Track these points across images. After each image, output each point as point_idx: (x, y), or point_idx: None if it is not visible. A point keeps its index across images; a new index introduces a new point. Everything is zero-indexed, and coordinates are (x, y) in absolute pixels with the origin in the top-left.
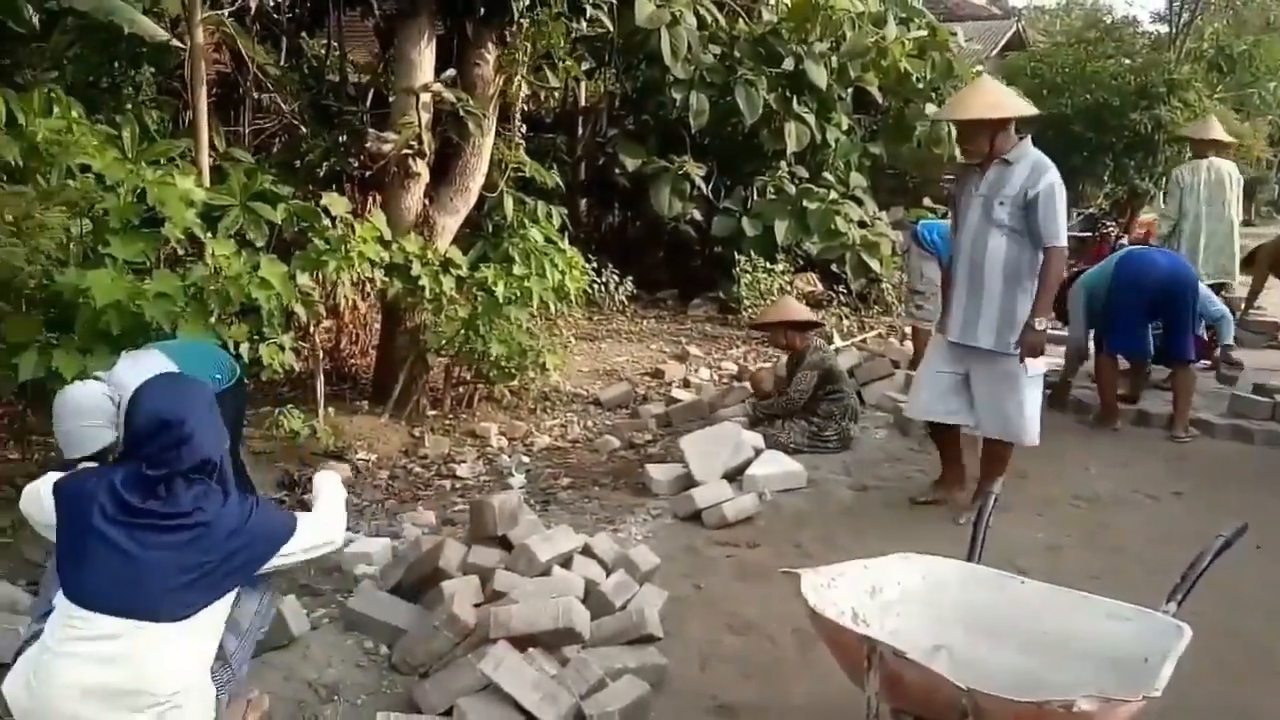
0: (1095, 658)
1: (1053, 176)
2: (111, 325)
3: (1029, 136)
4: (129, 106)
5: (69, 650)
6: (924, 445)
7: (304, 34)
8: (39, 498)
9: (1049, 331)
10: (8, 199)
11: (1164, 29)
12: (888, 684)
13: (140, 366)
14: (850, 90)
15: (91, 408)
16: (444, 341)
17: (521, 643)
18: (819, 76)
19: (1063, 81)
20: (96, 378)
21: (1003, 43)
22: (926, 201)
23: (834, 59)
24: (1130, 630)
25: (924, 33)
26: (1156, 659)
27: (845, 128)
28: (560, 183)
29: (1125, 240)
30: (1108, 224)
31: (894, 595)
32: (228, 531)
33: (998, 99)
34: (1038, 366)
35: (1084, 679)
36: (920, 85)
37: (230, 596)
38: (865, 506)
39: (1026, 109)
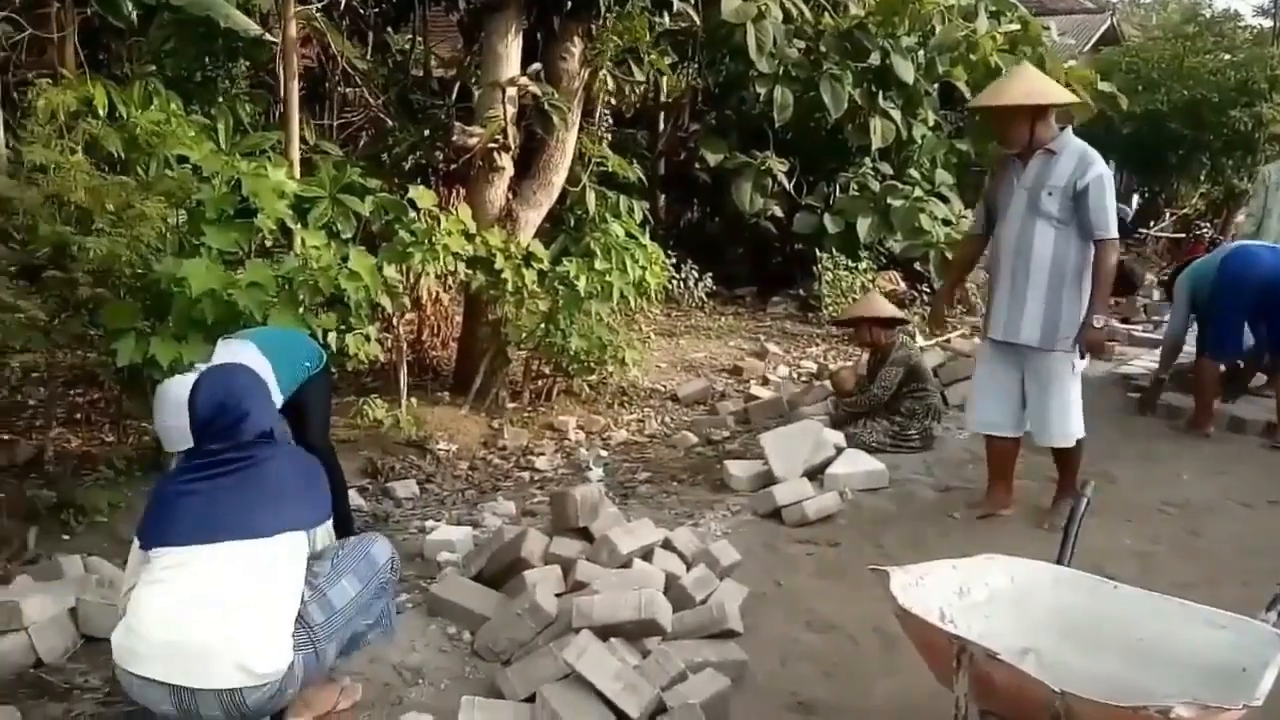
0: (1190, 665)
1: (1101, 167)
2: (206, 313)
3: (1069, 127)
4: (223, 100)
5: (154, 581)
6: None
7: (389, 28)
8: None
9: (1139, 331)
10: (109, 189)
11: (1267, 23)
12: (977, 685)
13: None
14: (937, 85)
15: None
16: (524, 335)
17: (603, 633)
18: (906, 71)
19: (1159, 77)
20: (194, 366)
21: (1096, 37)
22: None
23: (922, 53)
24: (1227, 639)
25: (1016, 27)
26: (1256, 669)
27: (932, 123)
28: (642, 177)
29: (1222, 240)
30: (1202, 225)
31: (982, 596)
32: (283, 470)
33: (1036, 86)
34: (1080, 364)
35: (1178, 686)
36: None
37: (301, 547)
38: (948, 507)
39: (1065, 97)
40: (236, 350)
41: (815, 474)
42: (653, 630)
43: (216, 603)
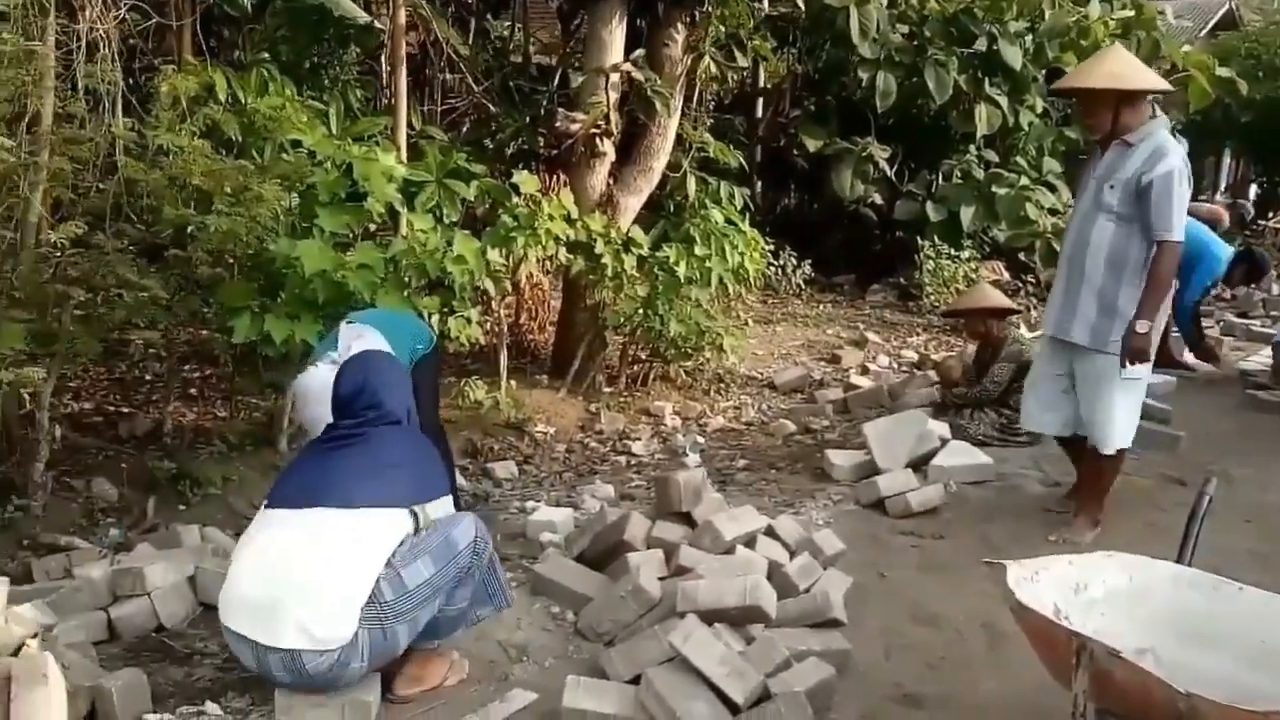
0: None
1: (1173, 162)
2: (317, 293)
3: (1163, 117)
4: (334, 86)
5: (250, 538)
6: None
7: (489, 15)
8: None
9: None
10: (228, 172)
11: None
12: (1096, 683)
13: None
14: (1044, 71)
15: (329, 394)
16: (623, 319)
17: (707, 618)
18: (1013, 57)
19: None
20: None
21: (1214, 21)
22: None
23: (1030, 39)
24: None
25: (1129, 10)
26: None
27: (1040, 110)
28: (743, 163)
29: None
30: None
31: (1099, 593)
32: (394, 447)
33: (1123, 69)
34: (1137, 370)
35: None
36: None
37: (395, 523)
38: (1056, 503)
39: (1153, 83)
40: (360, 332)
41: (919, 465)
42: (757, 617)
43: (296, 565)
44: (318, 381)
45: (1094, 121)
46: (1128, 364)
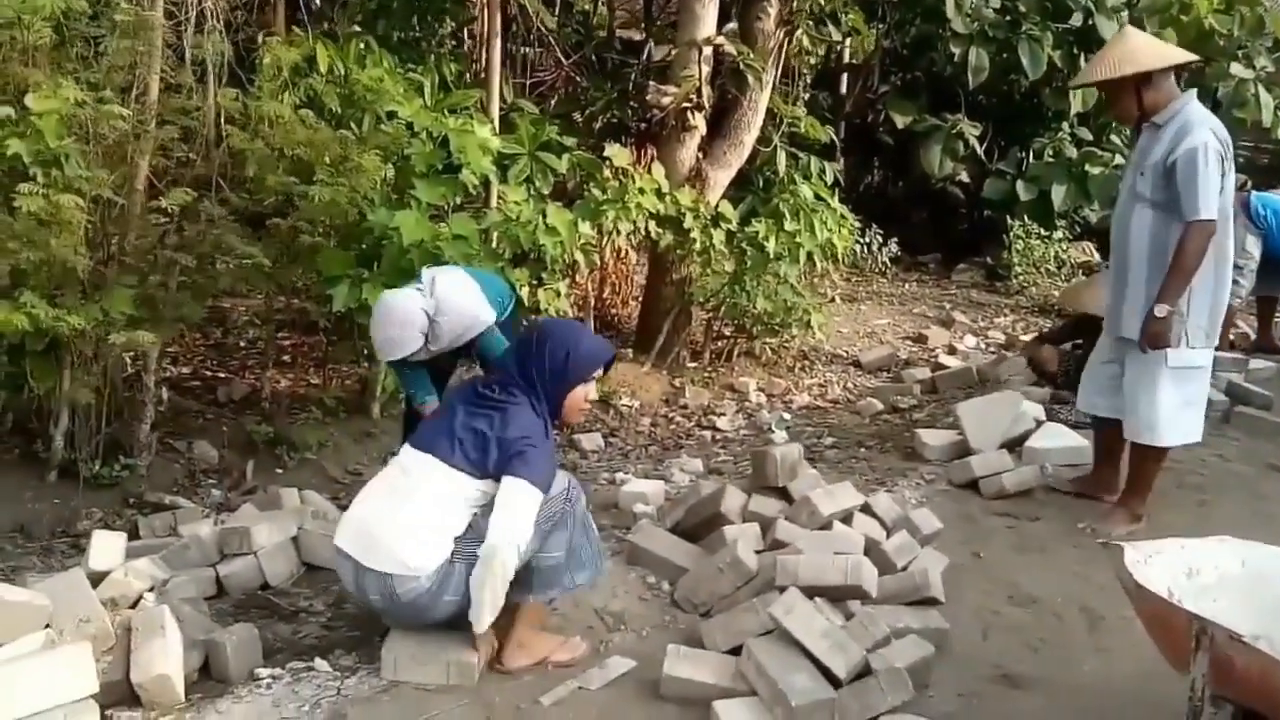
0: None
1: (1200, 137)
2: (415, 263)
3: (1191, 92)
4: (428, 58)
5: (381, 471)
6: (1220, 429)
7: None
8: None
9: None
10: (329, 142)
11: None
12: (1215, 668)
13: (456, 281)
14: None
15: (410, 318)
16: (709, 295)
17: (806, 593)
18: (1111, 33)
19: None
20: (417, 288)
21: None
22: None
23: (1128, 13)
24: None
25: None
26: None
27: None
28: (834, 138)
29: None
30: None
31: (1211, 579)
32: (511, 430)
33: (1131, 51)
34: (1183, 358)
35: None
36: (1225, 42)
37: (468, 490)
38: (1154, 487)
39: (1170, 57)
40: (447, 269)
41: (1013, 446)
42: (857, 594)
43: (402, 498)
44: (401, 303)
45: (1119, 110)
46: (1168, 351)
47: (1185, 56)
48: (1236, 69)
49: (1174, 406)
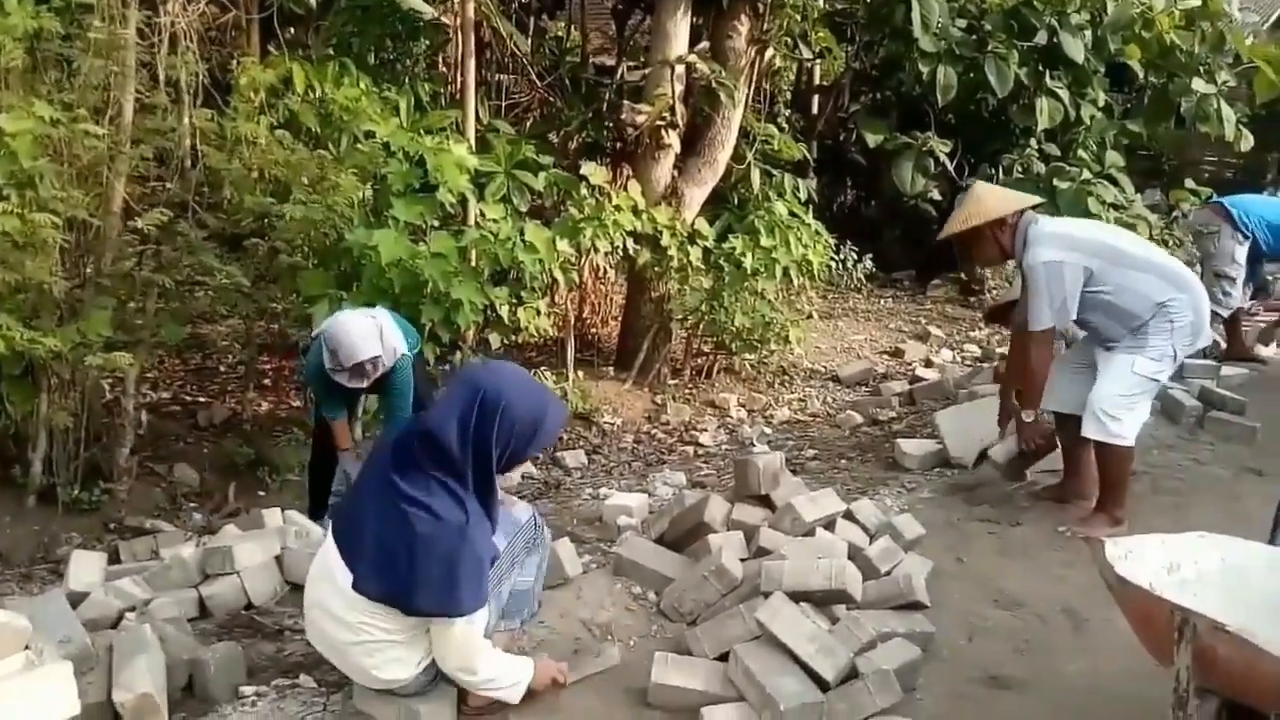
0: None
1: (1036, 256)
2: (394, 282)
3: (1030, 215)
4: (403, 79)
5: (314, 571)
6: (1195, 433)
7: (545, 15)
8: None
9: None
10: (306, 162)
11: None
12: (1199, 660)
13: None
14: (1106, 64)
15: (369, 329)
16: (688, 312)
17: (792, 599)
18: (1075, 50)
19: None
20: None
21: (1279, 14)
22: (1189, 184)
23: (1091, 31)
24: None
25: (1195, 1)
26: None
27: (1101, 104)
28: (808, 156)
29: None
30: None
31: (1191, 574)
32: (433, 561)
33: (980, 204)
34: (1146, 369)
35: None
36: (1187, 59)
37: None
38: (1131, 491)
39: (1018, 203)
40: (375, 313)
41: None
42: (842, 599)
43: (348, 627)
44: (357, 318)
45: (984, 255)
46: (1136, 358)
47: (1030, 201)
48: (1198, 84)
49: (1124, 408)
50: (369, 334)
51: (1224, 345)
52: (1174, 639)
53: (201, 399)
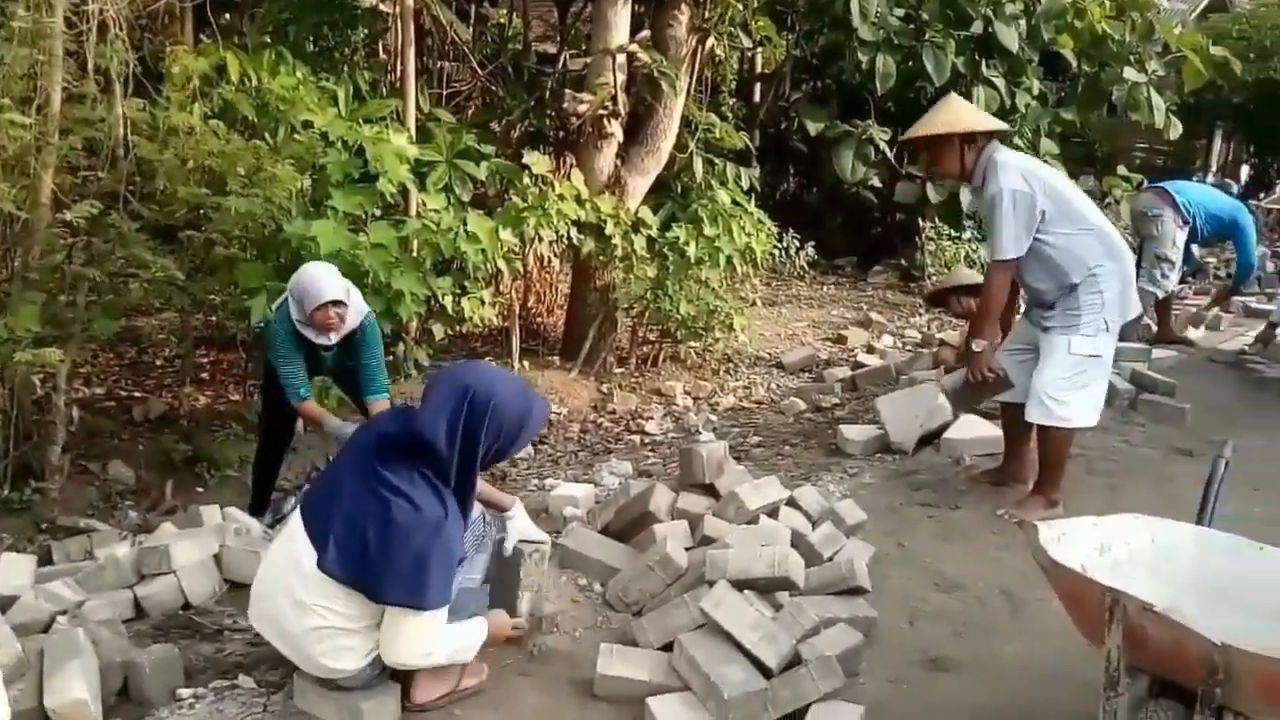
0: None
1: (999, 184)
2: None
3: (994, 143)
4: (342, 68)
5: (273, 547)
6: (1127, 415)
7: (487, 2)
8: None
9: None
10: (241, 153)
11: None
12: (1129, 639)
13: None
14: (1040, 53)
15: (334, 272)
16: (633, 300)
17: (736, 586)
18: (1010, 39)
19: (1271, 44)
20: None
21: (1205, 3)
22: (1121, 170)
23: (1026, 21)
24: None
25: None
26: None
27: (1036, 92)
28: (750, 145)
29: None
30: None
31: (1122, 555)
32: (407, 554)
33: (955, 114)
34: (1084, 347)
35: None
36: (1118, 48)
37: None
38: (1066, 473)
39: (988, 123)
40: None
41: (931, 439)
42: (785, 586)
43: (303, 610)
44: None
45: (945, 165)
46: (1073, 338)
47: (1002, 126)
48: (1129, 73)
49: (1068, 389)
50: (335, 276)
51: (1155, 328)
52: (1105, 620)
53: (137, 394)
